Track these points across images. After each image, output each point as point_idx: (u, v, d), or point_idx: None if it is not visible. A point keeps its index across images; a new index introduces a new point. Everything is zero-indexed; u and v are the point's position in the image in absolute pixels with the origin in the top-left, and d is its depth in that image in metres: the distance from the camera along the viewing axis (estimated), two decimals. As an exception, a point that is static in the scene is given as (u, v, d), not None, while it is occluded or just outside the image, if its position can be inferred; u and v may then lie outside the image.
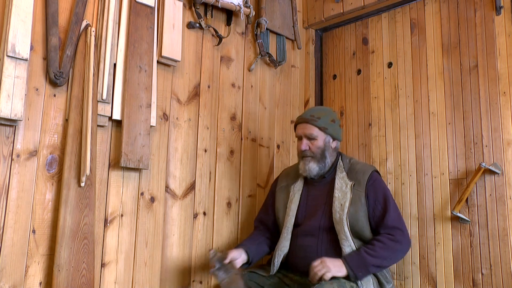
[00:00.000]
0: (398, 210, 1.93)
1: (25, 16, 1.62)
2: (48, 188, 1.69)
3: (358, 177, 1.92)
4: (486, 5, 2.25)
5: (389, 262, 1.83)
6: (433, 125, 2.34)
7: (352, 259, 1.77)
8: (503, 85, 2.14)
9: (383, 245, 1.80)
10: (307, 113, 2.02)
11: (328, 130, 1.97)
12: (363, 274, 1.76)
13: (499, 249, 2.04)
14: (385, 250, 1.79)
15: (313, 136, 1.96)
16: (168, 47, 2.06)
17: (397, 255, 1.84)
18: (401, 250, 1.84)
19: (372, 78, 2.64)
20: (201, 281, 2.15)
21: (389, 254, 1.80)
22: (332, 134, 1.99)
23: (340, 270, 1.74)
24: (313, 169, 1.97)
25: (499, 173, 2.09)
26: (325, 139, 1.98)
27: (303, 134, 1.99)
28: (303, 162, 1.99)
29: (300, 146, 1.99)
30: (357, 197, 1.88)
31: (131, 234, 1.91)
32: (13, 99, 1.56)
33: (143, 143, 1.90)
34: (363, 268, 1.76)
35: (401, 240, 1.83)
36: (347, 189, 1.90)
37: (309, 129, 1.97)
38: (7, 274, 1.56)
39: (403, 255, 1.87)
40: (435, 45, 2.40)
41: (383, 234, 1.84)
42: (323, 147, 1.97)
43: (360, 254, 1.78)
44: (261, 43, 2.55)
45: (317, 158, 1.96)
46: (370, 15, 2.71)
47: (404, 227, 1.88)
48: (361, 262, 1.76)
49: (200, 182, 2.19)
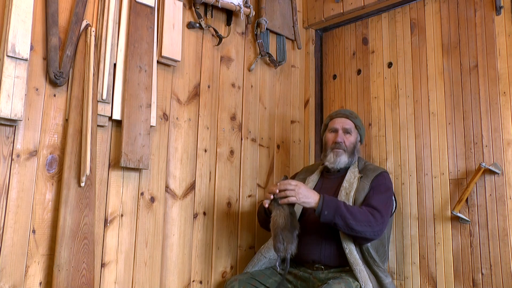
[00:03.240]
0: (389, 204, 1.95)
1: (25, 16, 1.62)
2: (48, 188, 1.69)
3: (368, 173, 2.02)
4: (486, 5, 2.25)
5: (355, 225, 1.78)
6: (433, 125, 2.34)
7: (330, 199, 1.82)
8: (503, 85, 2.14)
9: (360, 210, 1.84)
10: (345, 111, 2.16)
11: (361, 130, 2.15)
12: (328, 214, 1.78)
13: (499, 249, 2.04)
14: (359, 214, 1.81)
15: (350, 131, 2.10)
16: (168, 47, 2.06)
17: (365, 226, 1.80)
18: (371, 225, 1.81)
19: (372, 78, 2.64)
20: (201, 281, 2.15)
21: (360, 219, 1.79)
22: (361, 135, 2.17)
23: (307, 200, 1.79)
24: (343, 161, 2.07)
25: (499, 173, 2.09)
26: (357, 137, 2.13)
27: (341, 127, 2.10)
28: (334, 154, 2.07)
29: (335, 137, 2.08)
30: (361, 188, 1.95)
31: (131, 234, 1.91)
32: (13, 99, 1.56)
33: (143, 143, 1.90)
34: (331, 210, 1.78)
35: (376, 219, 1.82)
36: (354, 180, 2.00)
37: (348, 123, 2.11)
38: (7, 274, 1.56)
39: (369, 232, 1.81)
40: (435, 45, 2.40)
41: (365, 206, 1.88)
42: (354, 144, 2.11)
43: (339, 201, 1.83)
44: (261, 43, 2.55)
45: (349, 152, 2.07)
46: (370, 15, 2.71)
47: (385, 214, 1.87)
48: (334, 205, 1.79)
49: (200, 182, 2.19)
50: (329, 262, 1.92)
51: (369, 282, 1.79)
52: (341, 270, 1.90)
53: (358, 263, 1.83)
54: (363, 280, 1.79)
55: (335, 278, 1.81)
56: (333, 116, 2.16)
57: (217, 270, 2.21)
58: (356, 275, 1.81)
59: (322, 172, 2.17)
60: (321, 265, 1.93)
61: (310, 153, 2.76)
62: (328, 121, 2.18)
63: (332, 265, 1.92)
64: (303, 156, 2.77)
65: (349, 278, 1.79)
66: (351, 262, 1.84)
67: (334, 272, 1.91)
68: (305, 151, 2.78)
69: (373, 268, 1.86)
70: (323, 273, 1.91)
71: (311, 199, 1.80)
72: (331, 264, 1.92)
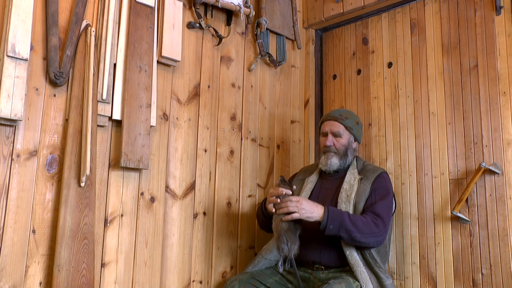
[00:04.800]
0: (391, 209, 1.97)
1: (25, 16, 1.62)
2: (48, 188, 1.69)
3: (367, 174, 2.01)
4: (486, 5, 2.25)
5: (359, 238, 1.80)
6: (433, 125, 2.34)
7: (334, 212, 1.81)
8: (503, 85, 2.14)
9: (365, 220, 1.83)
10: (335, 112, 2.14)
11: (353, 130, 2.10)
12: (333, 228, 1.79)
13: (499, 249, 2.04)
14: (364, 225, 1.81)
15: (339, 134, 2.08)
16: (168, 47, 2.06)
17: (369, 237, 1.82)
18: (375, 235, 1.83)
19: (372, 78, 2.64)
20: (201, 281, 2.15)
21: (364, 231, 1.81)
22: (355, 135, 2.12)
23: (311, 215, 1.79)
24: (334, 164, 2.07)
25: (499, 173, 2.09)
26: (349, 138, 2.10)
27: (329, 131, 2.09)
28: (325, 157, 2.08)
29: (325, 141, 2.10)
30: (362, 190, 1.95)
31: (131, 234, 1.91)
32: (13, 99, 1.56)
33: (143, 143, 1.90)
34: (337, 224, 1.79)
35: (380, 228, 1.84)
36: (354, 182, 1.99)
37: (337, 126, 2.09)
38: (7, 274, 1.56)
39: (373, 242, 1.83)
40: (435, 45, 2.40)
41: (368, 214, 1.88)
42: (346, 145, 2.08)
43: (343, 213, 1.83)
44: (261, 43, 2.55)
45: (340, 155, 2.07)
46: (370, 15, 2.70)
47: (387, 221, 1.89)
48: (339, 218, 1.80)
49: (200, 182, 2.19)
50: (329, 263, 1.92)
51: (370, 283, 1.79)
52: (341, 270, 1.90)
53: (359, 265, 1.83)
54: (364, 282, 1.79)
55: (336, 278, 1.81)
56: (323, 119, 2.17)
57: (217, 270, 2.21)
58: (357, 276, 1.81)
59: (321, 173, 2.17)
60: (321, 265, 1.93)
61: (310, 153, 2.76)
62: (320, 124, 2.19)
63: (332, 265, 1.92)
64: (303, 156, 2.77)
65: (349, 278, 1.79)
66: (352, 264, 1.84)
67: (334, 272, 1.91)
68: (305, 151, 2.78)
69: (374, 269, 1.86)
70: (323, 273, 1.91)
71: (315, 214, 1.79)
72: (331, 264, 1.92)
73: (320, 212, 1.80)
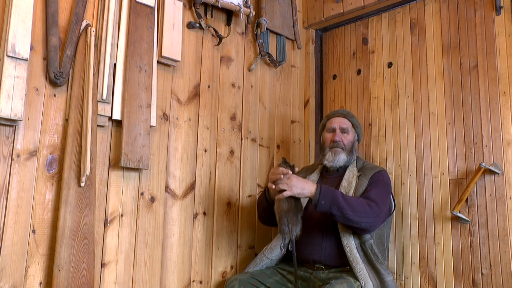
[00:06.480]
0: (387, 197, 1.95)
1: (25, 16, 1.62)
2: (48, 188, 1.69)
3: (366, 172, 2.03)
4: (486, 5, 2.25)
5: (351, 216, 1.78)
6: (433, 125, 2.34)
7: (326, 188, 1.81)
8: (503, 85, 2.14)
9: (358, 200, 1.84)
10: (342, 110, 2.20)
11: (358, 129, 2.17)
12: (324, 204, 1.77)
13: (499, 249, 2.04)
14: (356, 204, 1.80)
15: (347, 130, 2.12)
16: (168, 47, 2.06)
17: (361, 217, 1.79)
18: (368, 216, 1.80)
19: (372, 78, 2.64)
20: (201, 281, 2.15)
21: (357, 209, 1.79)
22: (359, 134, 2.18)
23: (302, 191, 1.79)
24: (342, 159, 2.08)
25: (499, 173, 2.09)
26: (354, 136, 2.15)
27: (338, 126, 2.12)
28: (332, 153, 2.09)
29: (332, 137, 2.11)
30: (360, 185, 1.97)
31: (131, 234, 1.91)
32: (13, 99, 1.56)
33: (143, 143, 1.90)
34: (328, 200, 1.77)
35: (373, 209, 1.82)
36: (353, 179, 2.01)
37: (345, 123, 2.13)
38: (7, 274, 1.56)
39: (366, 223, 1.80)
40: (435, 45, 2.40)
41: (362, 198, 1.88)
42: (352, 142, 2.12)
43: (336, 190, 1.83)
44: (261, 43, 2.55)
45: (347, 151, 2.09)
46: (370, 15, 2.70)
47: (382, 207, 1.87)
48: (331, 194, 1.79)
49: (200, 182, 2.19)
50: (329, 262, 1.92)
51: (369, 280, 1.79)
52: (341, 270, 1.91)
53: (358, 262, 1.83)
54: (363, 279, 1.79)
55: (337, 278, 1.81)
56: (331, 116, 2.19)
57: (217, 270, 2.21)
58: (356, 274, 1.81)
59: (322, 172, 2.18)
60: (321, 265, 1.93)
61: (310, 153, 2.76)
62: (326, 121, 2.20)
63: (332, 265, 1.92)
64: (303, 156, 2.77)
65: (350, 278, 1.79)
66: (351, 261, 1.84)
67: (334, 272, 1.91)
68: (305, 151, 2.78)
69: (375, 265, 1.85)
70: (324, 273, 1.91)
71: (307, 190, 1.79)
72: (332, 264, 1.92)
73: (312, 188, 1.80)
